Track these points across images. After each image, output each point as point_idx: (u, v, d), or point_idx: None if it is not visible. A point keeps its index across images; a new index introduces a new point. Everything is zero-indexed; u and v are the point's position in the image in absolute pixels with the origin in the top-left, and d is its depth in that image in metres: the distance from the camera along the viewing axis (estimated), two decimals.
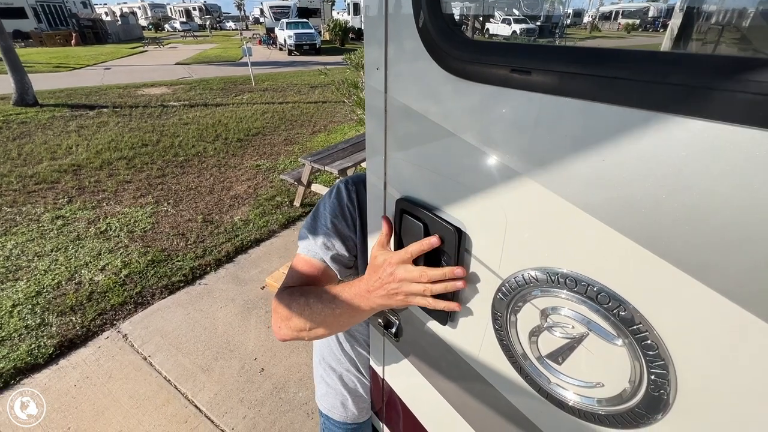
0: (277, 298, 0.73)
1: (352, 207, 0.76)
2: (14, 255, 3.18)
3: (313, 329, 0.68)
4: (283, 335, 0.73)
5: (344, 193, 0.76)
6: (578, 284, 0.40)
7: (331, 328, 0.69)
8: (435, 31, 0.44)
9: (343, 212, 0.76)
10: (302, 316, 0.68)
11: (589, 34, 2.43)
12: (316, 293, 0.69)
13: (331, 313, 0.66)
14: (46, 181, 4.46)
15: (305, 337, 0.71)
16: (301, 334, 0.71)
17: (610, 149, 0.34)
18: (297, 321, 0.69)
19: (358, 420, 1.02)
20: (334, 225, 0.75)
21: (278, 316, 0.72)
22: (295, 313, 0.69)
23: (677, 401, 0.37)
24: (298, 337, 0.72)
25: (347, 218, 0.76)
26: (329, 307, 0.66)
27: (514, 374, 0.52)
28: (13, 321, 2.52)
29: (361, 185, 0.77)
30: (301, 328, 0.69)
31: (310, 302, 0.68)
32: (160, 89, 9.78)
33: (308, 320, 0.68)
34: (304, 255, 0.76)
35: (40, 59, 15.09)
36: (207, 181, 4.66)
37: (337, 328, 0.70)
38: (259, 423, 1.99)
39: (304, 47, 18.32)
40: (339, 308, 0.65)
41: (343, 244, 0.75)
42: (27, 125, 6.51)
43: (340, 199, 0.76)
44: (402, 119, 0.55)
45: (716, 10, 1.25)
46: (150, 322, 2.61)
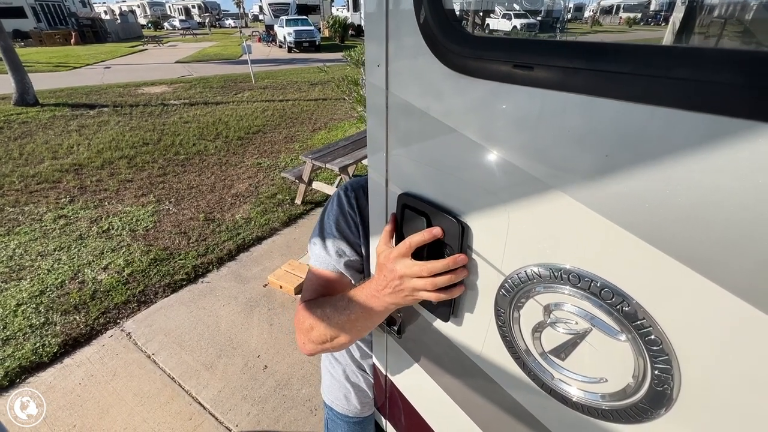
0: (298, 314, 0.74)
1: (353, 212, 0.77)
2: (17, 255, 3.20)
3: (335, 338, 0.68)
4: (309, 350, 0.73)
5: (344, 200, 0.78)
6: (581, 280, 0.40)
7: (352, 334, 0.69)
8: (436, 27, 0.44)
9: (345, 218, 0.77)
10: (321, 327, 0.68)
11: (591, 29, 2.41)
12: (331, 303, 0.70)
13: (347, 320, 0.66)
14: (48, 181, 4.47)
15: (329, 348, 0.72)
16: (324, 346, 0.71)
17: (614, 145, 0.34)
18: (317, 333, 0.69)
19: (361, 414, 1.03)
20: (341, 232, 0.76)
21: (300, 332, 0.73)
22: (315, 326, 0.69)
23: (681, 396, 0.37)
24: (324, 350, 0.73)
25: (350, 224, 0.77)
26: (344, 314, 0.66)
27: (517, 370, 0.53)
28: (18, 320, 2.53)
29: (360, 190, 0.78)
30: (323, 340, 0.69)
31: (327, 312, 0.68)
32: (161, 88, 9.77)
33: (327, 331, 0.68)
34: (317, 267, 0.78)
35: (40, 59, 15.09)
36: (208, 179, 4.66)
37: (358, 333, 0.69)
38: (263, 419, 2.00)
39: (304, 44, 18.26)
40: (354, 313, 0.65)
41: (353, 249, 0.77)
42: (28, 125, 6.52)
43: (341, 205, 0.78)
44: (403, 116, 0.55)
45: (719, 3, 1.24)
46: (153, 320, 2.62)
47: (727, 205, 0.29)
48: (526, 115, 0.40)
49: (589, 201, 0.37)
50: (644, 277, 0.36)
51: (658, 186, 0.32)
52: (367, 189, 0.76)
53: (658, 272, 0.34)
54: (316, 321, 0.69)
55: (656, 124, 0.31)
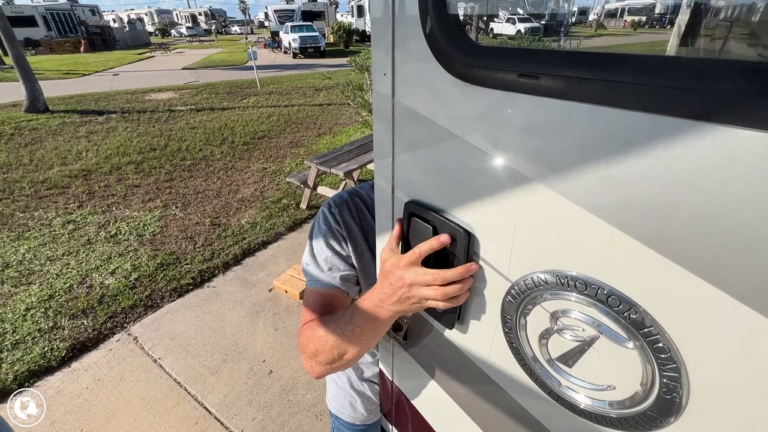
0: (301, 339, 0.73)
1: (339, 227, 0.79)
2: (27, 259, 3.24)
3: (343, 356, 0.67)
4: (318, 372, 0.71)
5: (329, 217, 0.80)
6: (588, 287, 0.40)
7: (359, 348, 0.66)
8: (442, 36, 0.45)
9: (334, 234, 0.79)
10: (327, 348, 0.67)
11: (595, 32, 2.40)
12: (332, 320, 0.68)
13: (352, 335, 0.64)
14: (57, 186, 4.54)
15: (339, 367, 0.70)
16: (333, 366, 0.69)
17: (619, 152, 0.34)
18: (324, 355, 0.68)
19: (367, 422, 1.03)
20: (331, 248, 0.78)
21: (306, 356, 0.71)
22: (319, 347, 0.68)
23: (690, 404, 0.37)
24: (333, 369, 0.71)
25: (339, 239, 0.78)
26: (348, 329, 0.64)
27: (524, 377, 0.52)
28: (27, 324, 2.56)
29: (343, 206, 0.80)
30: (331, 360, 0.68)
31: (330, 330, 0.67)
32: (168, 94, 9.89)
33: (334, 350, 0.66)
34: (314, 287, 0.78)
35: (50, 66, 15.36)
36: (214, 184, 4.70)
37: (365, 347, 0.67)
38: (269, 425, 2.00)
39: (309, 50, 18.39)
40: (358, 327, 0.63)
41: (345, 263, 0.78)
42: (38, 131, 6.63)
43: (328, 223, 0.79)
44: (409, 124, 0.55)
45: (725, 6, 1.23)
46: (160, 324, 2.64)
47: (734, 212, 0.29)
48: (532, 123, 0.40)
49: (596, 208, 0.37)
50: (652, 285, 0.36)
51: (664, 194, 0.32)
52: (349, 204, 0.81)
53: (665, 280, 0.34)
54: (320, 343, 0.67)
55: (662, 133, 0.31)
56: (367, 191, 0.84)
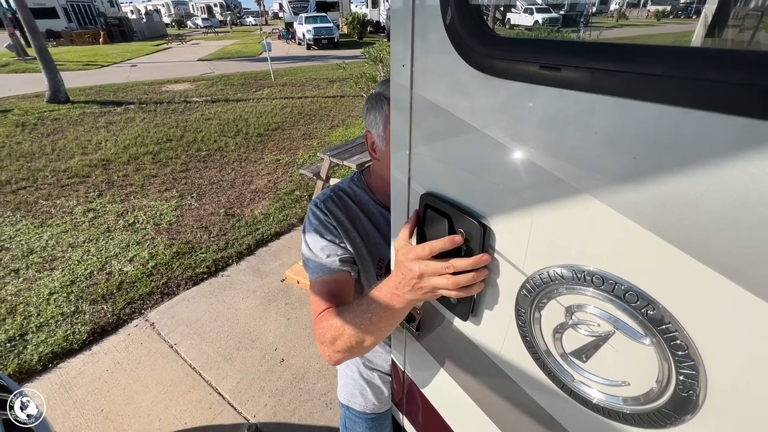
0: (316, 329, 0.75)
1: (328, 218, 0.85)
2: (50, 245, 3.35)
3: (359, 344, 0.69)
4: (336, 359, 0.74)
5: (318, 212, 0.86)
6: (605, 282, 0.40)
7: (376, 335, 0.69)
8: (462, 28, 0.44)
9: (324, 225, 0.85)
10: (345, 336, 0.69)
11: (617, 23, 2.31)
12: (349, 310, 0.70)
13: (369, 323, 0.66)
14: (78, 176, 4.66)
15: (357, 353, 0.73)
16: (352, 353, 0.72)
17: (642, 147, 0.34)
18: (342, 343, 0.70)
19: (378, 411, 1.05)
20: (324, 237, 0.83)
21: (323, 345, 0.74)
22: (338, 336, 0.70)
23: (707, 402, 0.36)
24: (351, 356, 0.74)
25: (330, 228, 0.84)
26: (366, 317, 0.66)
27: (537, 371, 0.53)
28: (50, 308, 2.66)
29: (328, 200, 0.88)
30: (348, 347, 0.70)
31: (347, 319, 0.69)
32: (183, 85, 10.01)
33: (352, 337, 0.68)
34: (318, 277, 0.81)
35: (71, 57, 15.67)
36: (228, 175, 4.76)
37: (381, 334, 0.69)
38: (280, 411, 2.04)
39: (323, 41, 18.33)
40: (375, 315, 0.65)
41: (340, 246, 0.83)
42: (60, 122, 6.80)
43: (318, 217, 0.86)
44: (428, 115, 0.55)
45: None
46: (176, 311, 2.71)
47: (758, 209, 0.28)
48: (552, 116, 0.40)
49: (616, 204, 0.37)
50: (671, 282, 0.35)
51: (688, 190, 0.31)
52: (333, 198, 0.89)
53: (686, 277, 0.34)
54: (338, 331, 0.70)
55: (687, 127, 0.30)
56: (347, 183, 0.93)
